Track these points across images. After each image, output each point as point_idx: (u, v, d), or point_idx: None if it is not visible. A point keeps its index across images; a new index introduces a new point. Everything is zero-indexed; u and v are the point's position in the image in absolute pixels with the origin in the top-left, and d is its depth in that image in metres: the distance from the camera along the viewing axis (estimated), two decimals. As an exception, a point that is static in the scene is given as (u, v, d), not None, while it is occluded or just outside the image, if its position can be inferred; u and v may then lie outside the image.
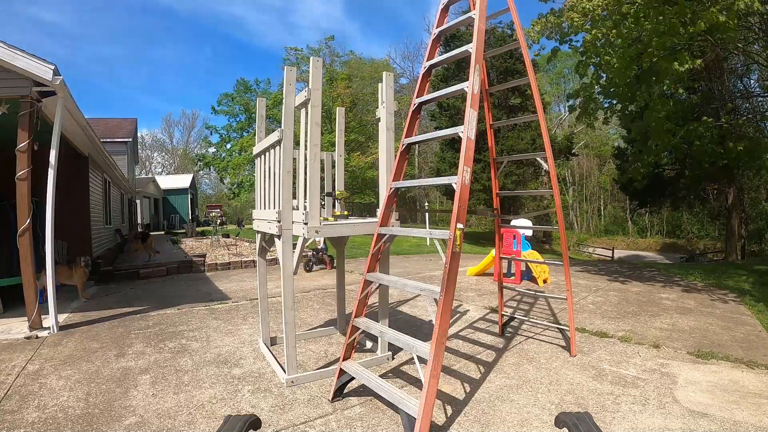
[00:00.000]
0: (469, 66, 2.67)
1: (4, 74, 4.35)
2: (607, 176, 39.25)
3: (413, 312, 5.31)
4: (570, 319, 3.76)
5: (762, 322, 4.81)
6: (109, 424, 2.57)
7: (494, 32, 22.17)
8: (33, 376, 3.30)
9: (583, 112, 9.12)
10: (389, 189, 3.07)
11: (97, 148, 8.01)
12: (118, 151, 18.13)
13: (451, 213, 2.42)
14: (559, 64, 36.39)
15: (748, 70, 16.16)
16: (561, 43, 8.91)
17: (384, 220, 3.05)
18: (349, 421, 2.58)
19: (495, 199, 4.34)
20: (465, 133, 2.51)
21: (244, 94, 28.06)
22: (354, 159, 22.91)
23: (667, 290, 6.82)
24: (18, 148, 4.36)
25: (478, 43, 2.70)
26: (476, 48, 2.69)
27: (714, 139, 11.43)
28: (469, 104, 2.58)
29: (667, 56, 7.54)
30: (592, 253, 26.66)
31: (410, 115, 3.16)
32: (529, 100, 21.80)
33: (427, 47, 3.30)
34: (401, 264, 10.02)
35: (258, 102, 4.15)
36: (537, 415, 2.64)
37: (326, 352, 3.81)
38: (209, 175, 36.20)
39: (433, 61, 3.24)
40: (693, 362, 3.55)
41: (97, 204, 9.37)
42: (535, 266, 7.25)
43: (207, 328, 4.61)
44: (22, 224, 4.38)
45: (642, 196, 19.40)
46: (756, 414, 2.66)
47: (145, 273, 8.15)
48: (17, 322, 4.76)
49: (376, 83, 23.26)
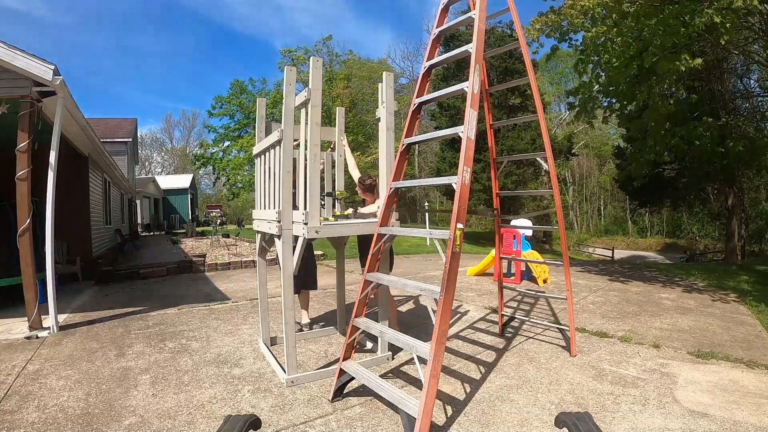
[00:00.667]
0: (469, 66, 2.67)
1: (3, 74, 4.35)
2: (607, 176, 39.27)
3: (413, 312, 5.31)
4: (570, 320, 3.77)
5: (762, 322, 4.81)
6: (109, 424, 2.57)
7: (494, 32, 22.17)
8: (33, 376, 3.30)
9: (582, 110, 9.12)
10: (389, 189, 3.07)
11: (97, 148, 8.01)
12: (118, 151, 18.15)
13: (451, 213, 2.42)
14: (561, 64, 36.40)
15: (748, 70, 16.17)
16: (560, 42, 8.92)
17: (384, 220, 3.05)
18: (349, 421, 2.58)
19: (495, 199, 4.34)
20: (465, 133, 2.51)
21: (240, 95, 27.93)
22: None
23: (667, 290, 6.82)
24: (18, 148, 4.36)
25: (478, 43, 2.70)
26: (476, 48, 2.69)
27: (714, 139, 11.43)
28: (469, 104, 2.58)
29: (667, 55, 7.54)
30: (592, 253, 26.67)
31: (410, 115, 3.15)
32: (529, 100, 21.80)
33: (426, 47, 3.30)
34: (401, 264, 10.02)
35: (258, 102, 4.15)
36: (537, 415, 2.64)
37: (326, 352, 3.81)
38: (209, 175, 36.16)
39: (433, 61, 3.23)
40: (693, 362, 3.55)
41: (97, 204, 9.37)
42: (535, 266, 7.25)
43: (207, 328, 4.61)
44: (22, 224, 4.38)
45: (642, 196, 19.41)
46: (756, 414, 2.66)
47: (144, 273, 8.14)
48: (17, 322, 4.76)
49: (375, 83, 23.28)
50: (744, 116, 14.71)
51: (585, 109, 9.16)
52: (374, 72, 26.69)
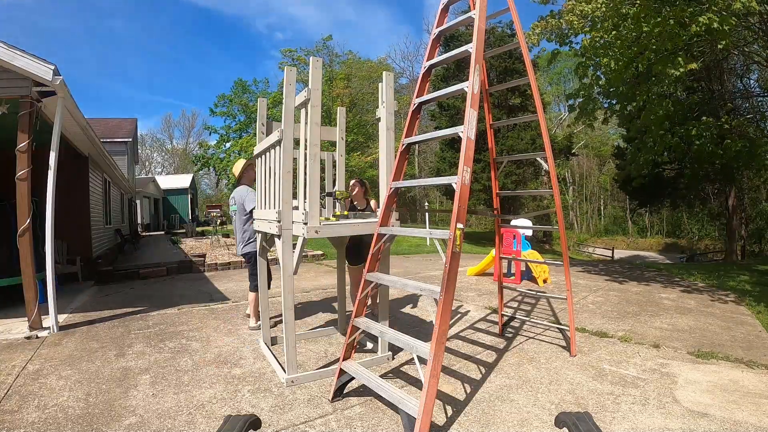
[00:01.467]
0: (469, 66, 2.67)
1: (4, 74, 4.35)
2: (607, 176, 39.28)
3: (413, 312, 5.31)
4: (570, 319, 3.77)
5: (762, 322, 4.81)
6: (109, 424, 2.57)
7: (494, 32, 22.19)
8: (33, 376, 3.30)
9: (582, 112, 9.13)
10: (389, 189, 3.07)
11: (97, 148, 8.00)
12: (118, 151, 18.15)
13: (451, 213, 2.42)
14: (560, 63, 36.39)
15: (748, 70, 16.17)
16: (561, 45, 8.93)
17: (384, 220, 3.05)
18: (349, 421, 2.58)
19: (495, 199, 4.34)
20: (465, 132, 2.51)
21: (243, 94, 27.95)
22: (354, 159, 22.91)
23: (667, 290, 6.82)
24: (18, 148, 4.36)
25: (478, 42, 2.70)
26: (476, 48, 2.69)
27: (713, 139, 11.43)
28: (469, 104, 2.58)
29: (663, 59, 7.54)
30: (592, 253, 26.69)
31: (410, 115, 3.16)
32: (529, 100, 21.82)
33: (426, 47, 3.30)
34: (401, 264, 10.02)
35: (259, 102, 4.15)
36: (537, 415, 2.64)
37: (326, 352, 3.81)
38: (209, 175, 36.16)
39: (433, 60, 3.23)
40: (693, 362, 3.55)
41: (97, 204, 9.37)
42: (535, 266, 7.25)
43: (207, 328, 4.61)
44: (22, 224, 4.38)
45: (642, 196, 19.42)
46: (756, 414, 2.66)
47: (144, 273, 8.15)
48: (17, 322, 4.76)
49: (375, 83, 23.28)
50: (744, 116, 14.71)
51: (585, 110, 9.17)
52: (374, 72, 26.65)
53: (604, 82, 8.85)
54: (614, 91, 8.83)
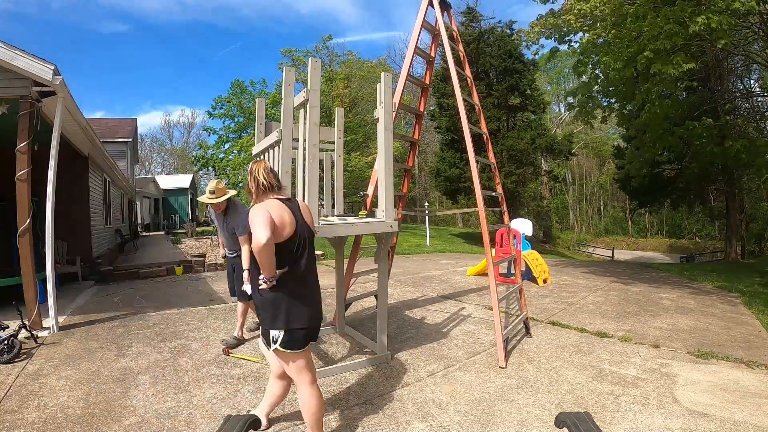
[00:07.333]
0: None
1: (4, 74, 4.35)
2: (607, 176, 39.26)
3: (413, 312, 5.31)
4: (523, 304, 3.74)
5: (762, 322, 4.81)
6: (109, 424, 2.57)
7: (494, 32, 22.19)
8: (33, 376, 3.30)
9: (581, 111, 9.14)
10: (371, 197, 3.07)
11: (97, 148, 8.00)
12: (118, 151, 18.11)
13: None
14: (560, 63, 36.39)
15: (748, 70, 16.16)
16: (560, 44, 8.94)
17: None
18: (349, 421, 2.58)
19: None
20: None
21: (240, 95, 27.95)
22: (353, 159, 22.91)
23: (667, 290, 6.82)
24: (18, 148, 4.36)
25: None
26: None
27: (713, 139, 11.43)
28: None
29: (661, 58, 7.54)
30: (592, 254, 26.68)
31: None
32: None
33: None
34: (401, 264, 10.01)
35: (257, 103, 4.15)
36: (537, 415, 2.64)
37: (326, 352, 3.81)
38: (209, 176, 36.12)
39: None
40: (693, 362, 3.55)
41: (97, 204, 9.36)
42: (536, 266, 7.25)
43: (207, 328, 4.60)
44: (22, 224, 4.37)
45: (642, 196, 19.40)
46: (756, 414, 2.66)
47: (144, 273, 8.14)
48: (17, 322, 4.75)
49: (374, 83, 23.24)
50: (744, 116, 14.70)
51: (584, 109, 9.18)
52: (374, 72, 26.64)
53: (603, 80, 8.86)
54: (614, 90, 8.84)
